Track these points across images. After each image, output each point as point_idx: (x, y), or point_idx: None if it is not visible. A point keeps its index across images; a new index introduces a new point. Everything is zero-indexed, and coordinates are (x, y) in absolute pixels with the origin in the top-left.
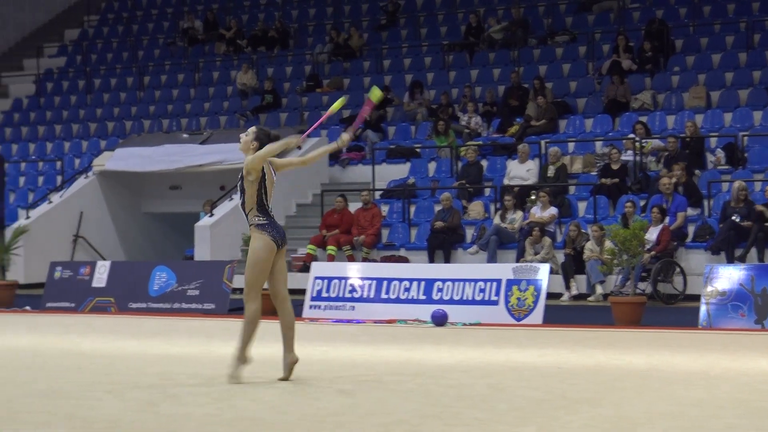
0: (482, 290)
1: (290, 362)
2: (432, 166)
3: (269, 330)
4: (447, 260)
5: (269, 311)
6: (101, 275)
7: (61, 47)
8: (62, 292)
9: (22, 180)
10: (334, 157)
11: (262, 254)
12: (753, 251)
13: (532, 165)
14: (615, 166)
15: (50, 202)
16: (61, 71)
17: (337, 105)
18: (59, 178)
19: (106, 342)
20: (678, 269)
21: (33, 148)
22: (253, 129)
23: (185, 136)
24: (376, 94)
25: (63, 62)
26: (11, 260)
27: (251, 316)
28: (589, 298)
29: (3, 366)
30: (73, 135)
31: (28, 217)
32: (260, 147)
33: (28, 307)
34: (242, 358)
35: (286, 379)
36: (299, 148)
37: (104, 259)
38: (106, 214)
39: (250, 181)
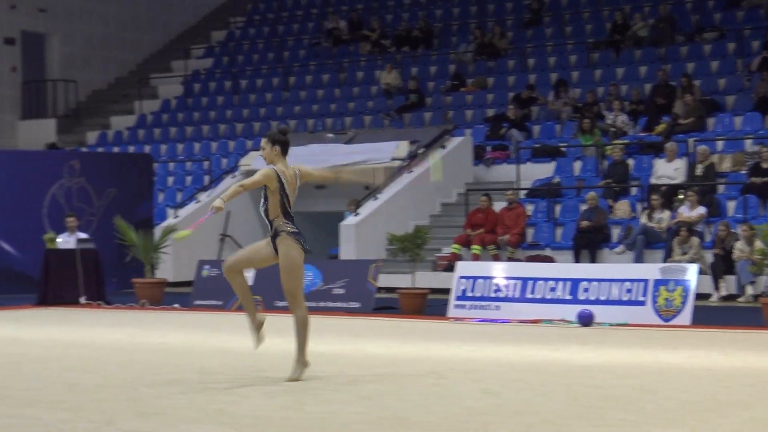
0: (629, 290)
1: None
2: (577, 165)
3: (417, 328)
4: (593, 260)
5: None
6: (248, 273)
7: (208, 49)
8: (210, 290)
9: (170, 180)
10: (479, 156)
11: (299, 261)
12: None
13: (680, 164)
14: (765, 165)
15: (198, 201)
16: (208, 72)
17: (182, 234)
18: (206, 178)
19: (252, 340)
20: None
21: (181, 149)
22: (264, 139)
23: (330, 135)
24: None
25: (210, 63)
26: (160, 259)
27: (303, 321)
28: (739, 299)
29: (153, 362)
30: (220, 135)
31: (176, 217)
32: (282, 149)
33: (176, 305)
34: (303, 361)
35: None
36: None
37: None
38: (253, 213)
39: (271, 190)
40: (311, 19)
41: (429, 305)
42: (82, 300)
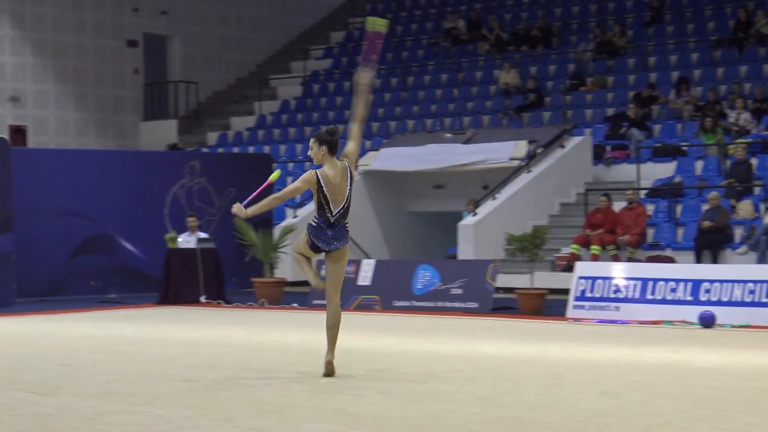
0: (752, 291)
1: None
2: (699, 165)
3: (535, 328)
4: (715, 261)
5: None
6: (366, 273)
7: (326, 49)
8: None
9: (289, 180)
10: (599, 156)
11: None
12: None
13: None
14: None
15: None
16: (326, 73)
17: (274, 176)
18: None
19: (371, 339)
20: None
21: (299, 149)
22: (312, 139)
23: (448, 135)
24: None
25: (329, 64)
26: (279, 258)
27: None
28: None
29: (272, 361)
30: (338, 135)
31: (295, 216)
32: (329, 149)
33: (295, 304)
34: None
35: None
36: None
37: (369, 257)
38: (371, 213)
39: (313, 192)
40: (430, 19)
41: (547, 306)
42: (202, 299)
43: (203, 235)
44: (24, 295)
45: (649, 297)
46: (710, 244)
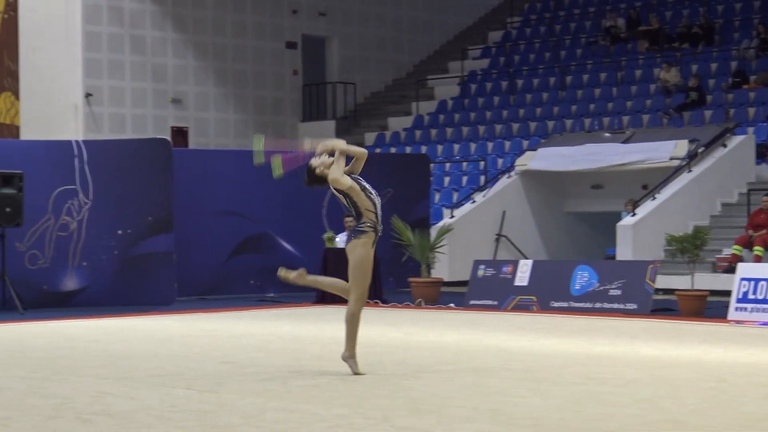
0: None
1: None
2: None
3: (696, 330)
4: None
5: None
6: (523, 274)
7: (484, 49)
8: (485, 290)
9: (446, 180)
10: (762, 155)
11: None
12: None
13: None
14: None
15: (474, 201)
16: (484, 73)
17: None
18: (482, 178)
19: (528, 340)
20: None
21: (457, 149)
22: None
23: (607, 135)
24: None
25: (486, 64)
26: (436, 258)
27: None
28: None
29: (429, 361)
30: (496, 135)
31: (452, 216)
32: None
33: (452, 305)
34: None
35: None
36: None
37: (526, 257)
38: (528, 214)
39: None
40: (588, 17)
41: (709, 307)
42: None
43: None
44: (184, 294)
45: None
46: None
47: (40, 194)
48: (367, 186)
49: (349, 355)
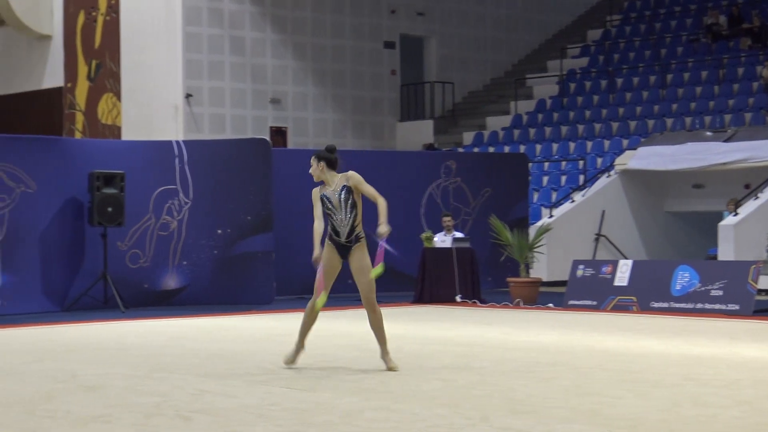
0: None
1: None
2: None
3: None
4: None
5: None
6: (623, 274)
7: (583, 47)
8: (584, 290)
9: (545, 179)
10: None
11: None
12: None
13: None
14: None
15: (573, 201)
16: (583, 71)
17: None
18: (581, 177)
19: (628, 341)
20: None
21: (556, 148)
22: (312, 158)
23: (708, 134)
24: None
25: (585, 62)
26: (535, 258)
27: (380, 319)
28: None
29: (527, 361)
30: (596, 134)
31: (551, 216)
32: (327, 164)
33: (551, 305)
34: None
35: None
36: None
37: (626, 257)
38: (628, 213)
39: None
40: (689, 15)
41: None
42: (458, 298)
43: (459, 234)
44: (283, 293)
45: None
46: None
47: (141, 194)
48: (332, 206)
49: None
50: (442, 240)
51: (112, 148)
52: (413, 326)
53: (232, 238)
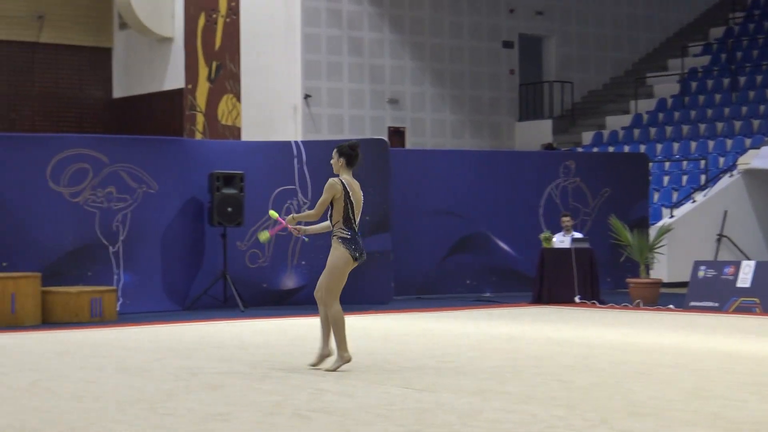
0: None
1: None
2: None
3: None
4: None
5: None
6: (746, 275)
7: (705, 46)
8: (705, 292)
9: (665, 179)
10: None
11: (339, 264)
12: None
13: None
14: None
15: (694, 201)
16: (705, 70)
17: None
18: (703, 177)
19: (751, 343)
20: None
21: (677, 147)
22: (334, 151)
23: None
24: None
25: (707, 61)
26: (655, 259)
27: (337, 317)
28: None
29: (647, 362)
30: (717, 133)
31: (671, 216)
32: (347, 162)
33: (671, 306)
34: (343, 356)
35: (314, 365)
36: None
37: (748, 258)
38: (751, 213)
39: (336, 198)
40: None
41: None
42: (577, 299)
43: (578, 234)
44: (401, 293)
45: None
46: None
47: (260, 194)
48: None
49: (346, 356)
50: (560, 240)
51: (231, 149)
52: (531, 327)
53: None
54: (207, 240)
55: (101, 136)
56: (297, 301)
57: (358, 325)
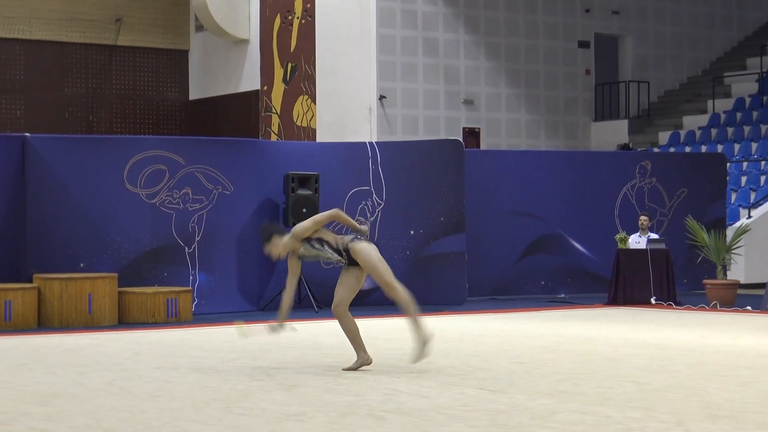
0: None
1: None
2: None
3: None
4: None
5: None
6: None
7: None
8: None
9: (743, 179)
10: None
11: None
12: None
13: None
14: None
15: None
16: None
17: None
18: None
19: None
20: None
21: (755, 147)
22: (265, 241)
23: None
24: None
25: None
26: (732, 260)
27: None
28: None
29: (724, 364)
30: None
31: (749, 217)
32: (273, 236)
33: (749, 307)
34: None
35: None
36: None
37: None
38: None
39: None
40: None
41: None
42: (653, 300)
43: (654, 235)
44: (475, 294)
45: None
46: None
47: (335, 195)
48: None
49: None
50: (636, 241)
51: (306, 150)
52: (607, 328)
53: (425, 239)
54: None
55: (178, 138)
56: (371, 302)
57: (432, 326)
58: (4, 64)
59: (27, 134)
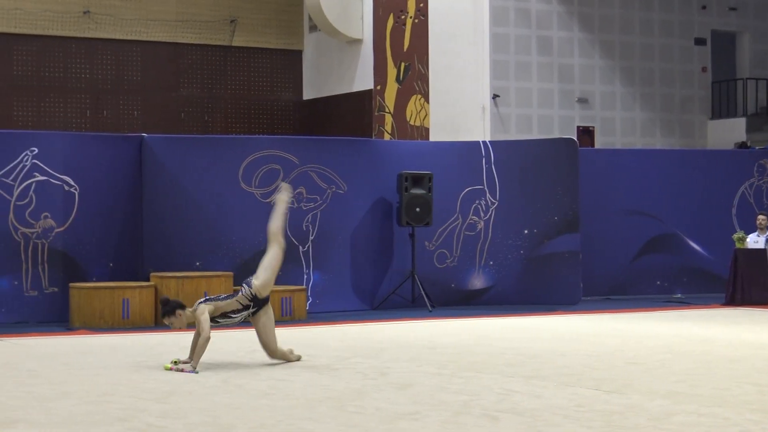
0: None
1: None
2: None
3: None
4: None
5: None
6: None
7: None
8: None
9: None
10: None
11: None
12: None
13: None
14: None
15: None
16: None
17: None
18: None
19: None
20: None
21: None
22: (167, 314)
23: None
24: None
25: None
26: None
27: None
28: None
29: None
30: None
31: None
32: (181, 308)
33: None
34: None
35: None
36: None
37: None
38: None
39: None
40: None
41: None
42: None
43: None
44: (589, 294)
45: None
46: None
47: (448, 194)
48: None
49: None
50: (755, 240)
51: (420, 149)
52: (724, 329)
53: (539, 239)
54: (395, 240)
55: (292, 138)
56: (485, 301)
57: (547, 326)
58: (121, 65)
59: (144, 135)
